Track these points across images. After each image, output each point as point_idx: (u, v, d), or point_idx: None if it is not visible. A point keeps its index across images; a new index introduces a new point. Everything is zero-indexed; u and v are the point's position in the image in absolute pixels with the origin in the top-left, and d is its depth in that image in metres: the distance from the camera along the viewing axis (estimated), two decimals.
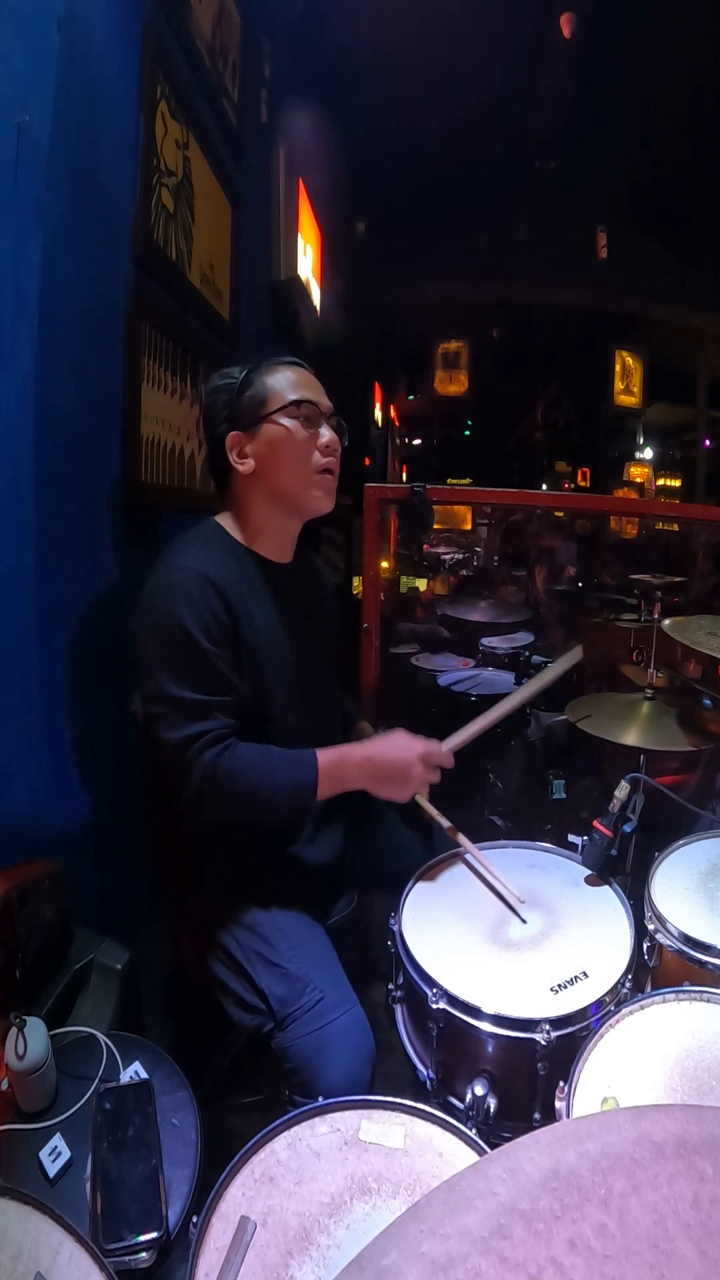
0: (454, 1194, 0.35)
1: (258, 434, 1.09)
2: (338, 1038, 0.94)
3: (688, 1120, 0.38)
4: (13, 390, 1.10)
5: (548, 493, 7.27)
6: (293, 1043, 0.95)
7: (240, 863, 1.10)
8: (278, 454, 1.09)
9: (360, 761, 1.07)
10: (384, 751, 1.09)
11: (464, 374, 7.82)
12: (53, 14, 1.13)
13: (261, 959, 1.02)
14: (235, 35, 2.21)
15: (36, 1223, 0.62)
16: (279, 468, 1.09)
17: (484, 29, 3.38)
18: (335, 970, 1.03)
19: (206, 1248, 0.65)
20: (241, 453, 1.10)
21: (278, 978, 0.99)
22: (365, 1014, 0.98)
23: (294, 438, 1.08)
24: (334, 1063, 0.92)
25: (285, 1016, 0.96)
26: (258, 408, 1.09)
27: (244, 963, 1.02)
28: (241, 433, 1.09)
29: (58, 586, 1.22)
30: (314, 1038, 0.94)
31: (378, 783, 1.08)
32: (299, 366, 1.14)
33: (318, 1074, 0.91)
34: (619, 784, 1.16)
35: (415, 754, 1.09)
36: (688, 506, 7.19)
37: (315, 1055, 0.93)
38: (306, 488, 1.11)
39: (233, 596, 1.02)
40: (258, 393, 1.09)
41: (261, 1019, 0.99)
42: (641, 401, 7.73)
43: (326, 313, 3.76)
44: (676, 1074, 0.78)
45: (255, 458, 1.09)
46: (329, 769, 1.04)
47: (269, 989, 0.99)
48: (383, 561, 2.63)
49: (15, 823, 1.11)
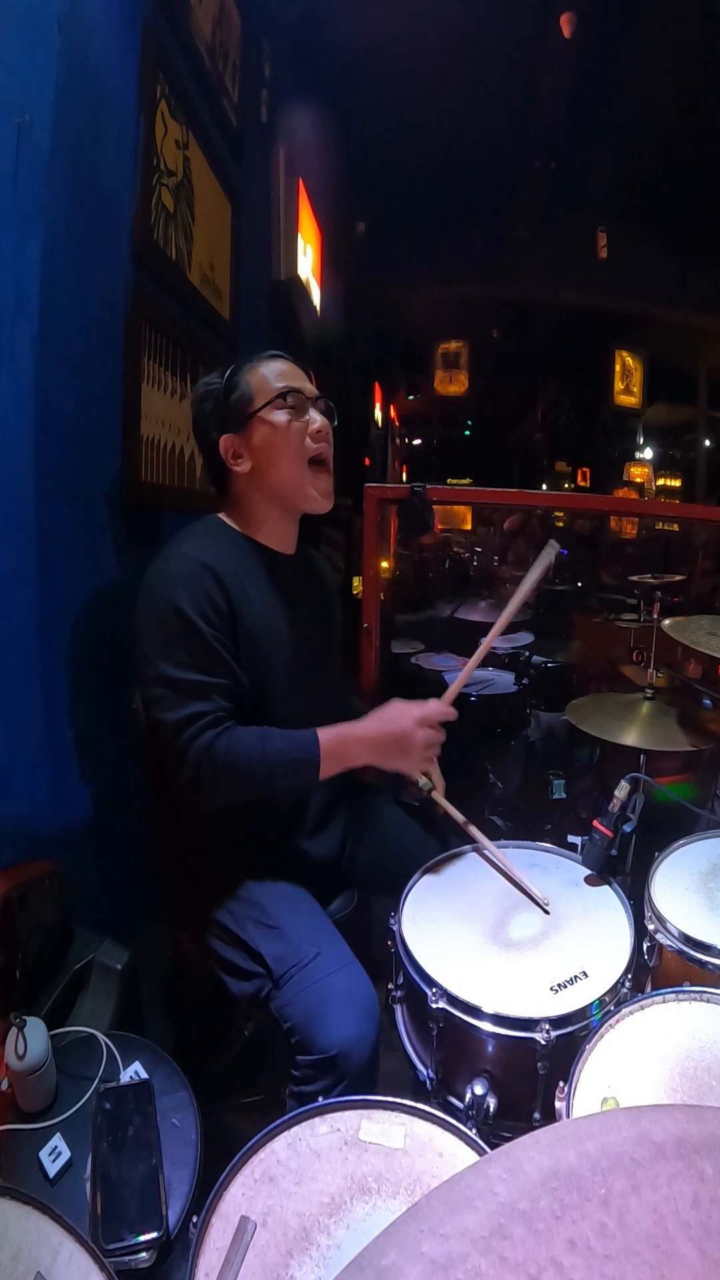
0: (454, 1194, 0.35)
1: (249, 433, 1.10)
2: (337, 993, 0.93)
3: (688, 1120, 0.38)
4: (13, 390, 1.10)
5: (548, 493, 7.27)
6: (291, 1000, 0.94)
7: (241, 861, 1.10)
8: (271, 448, 1.09)
9: (361, 737, 1.06)
10: (384, 724, 1.08)
11: (464, 374, 7.83)
12: (53, 14, 1.14)
13: (256, 923, 1.02)
14: (235, 35, 2.21)
15: (36, 1223, 0.62)
16: (274, 462, 1.10)
17: (484, 29, 3.39)
18: (331, 931, 1.03)
19: (206, 1248, 0.65)
20: (236, 454, 1.11)
21: (273, 937, 1.00)
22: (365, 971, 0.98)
23: (284, 429, 1.09)
24: (334, 1018, 0.91)
25: (282, 975, 0.96)
26: (245, 406, 1.09)
27: (239, 930, 1.03)
28: (234, 434, 1.10)
29: (58, 586, 1.22)
30: (312, 993, 0.93)
31: (382, 755, 1.08)
32: (279, 357, 1.14)
33: (317, 1031, 0.90)
34: (619, 784, 1.16)
35: (413, 718, 1.08)
36: (688, 506, 7.19)
37: (314, 1011, 0.92)
38: (303, 481, 1.12)
39: (231, 583, 1.03)
40: (243, 392, 1.10)
41: (259, 981, 0.99)
42: (641, 401, 7.74)
43: (326, 313, 3.76)
44: (676, 1074, 0.78)
45: (250, 456, 1.10)
46: (331, 747, 1.03)
47: (265, 950, 0.99)
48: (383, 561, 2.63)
49: (15, 823, 1.11)
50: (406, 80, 3.67)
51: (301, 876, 1.13)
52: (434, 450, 10.48)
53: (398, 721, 1.08)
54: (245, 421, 1.09)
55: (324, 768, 1.02)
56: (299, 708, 1.11)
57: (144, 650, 1.00)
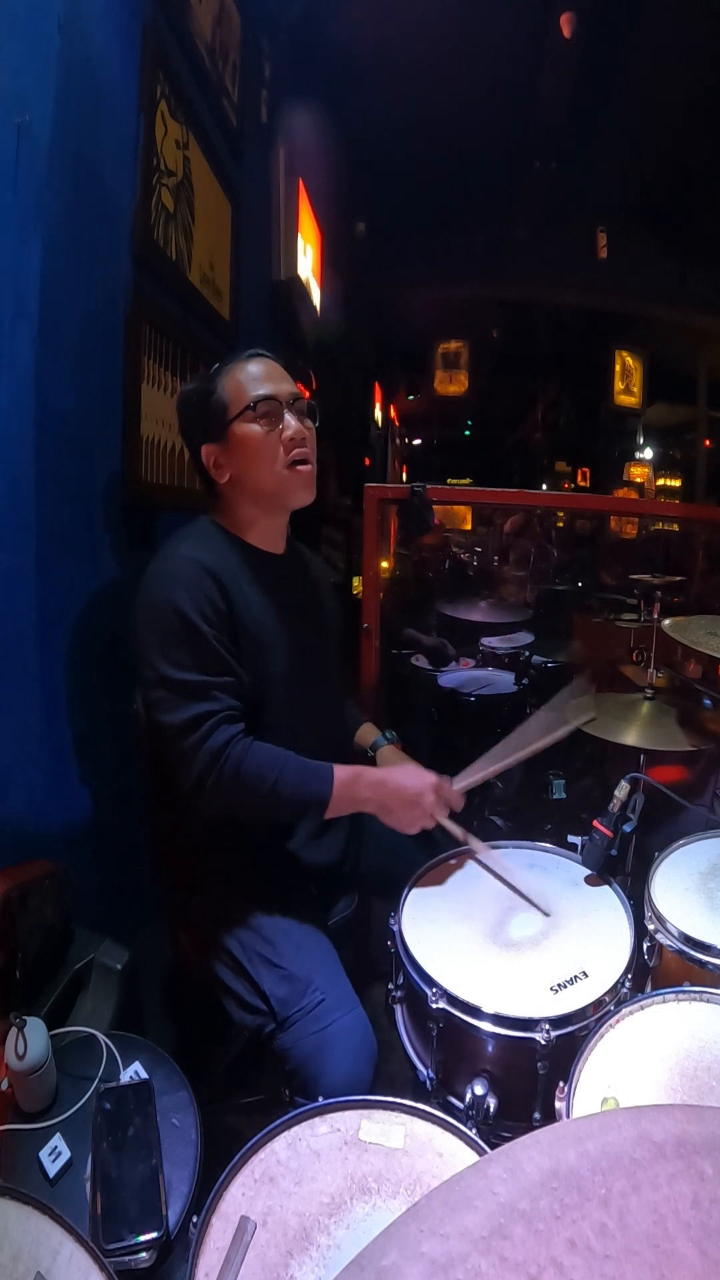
0: (454, 1194, 0.35)
1: (226, 442, 1.09)
2: (339, 1039, 0.94)
3: (688, 1120, 0.38)
4: (13, 390, 1.10)
5: (548, 493, 7.27)
6: (294, 1044, 0.95)
7: (241, 862, 1.10)
8: (247, 458, 1.08)
9: (374, 783, 1.06)
10: (398, 778, 1.08)
11: (464, 374, 7.83)
12: (53, 14, 1.14)
13: (263, 960, 1.02)
14: (235, 35, 2.21)
15: (36, 1223, 0.62)
16: (250, 471, 1.09)
17: (484, 29, 3.39)
18: (337, 972, 1.02)
19: (206, 1248, 0.65)
20: (216, 463, 1.10)
21: (279, 979, 0.99)
22: (367, 1016, 0.98)
23: (259, 440, 1.07)
24: (335, 1064, 0.92)
25: (287, 1018, 0.96)
26: (220, 415, 1.08)
27: (245, 964, 1.02)
28: (213, 444, 1.09)
29: (58, 586, 1.22)
30: (315, 1039, 0.94)
31: (386, 808, 1.07)
32: (257, 357, 1.12)
33: (319, 1075, 0.91)
34: (619, 784, 1.16)
35: (429, 783, 1.08)
36: (688, 506, 7.20)
37: (316, 1056, 0.93)
38: (282, 484, 1.10)
39: (229, 583, 1.03)
40: (219, 400, 1.08)
41: (263, 1020, 0.99)
42: (641, 401, 7.74)
43: (326, 313, 3.76)
44: (676, 1074, 0.78)
45: (228, 466, 1.10)
46: (344, 786, 1.03)
47: (271, 990, 0.99)
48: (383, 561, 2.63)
49: (15, 823, 1.11)
50: (406, 80, 3.66)
51: (303, 881, 1.13)
52: (434, 450, 10.47)
53: (414, 782, 1.08)
54: (222, 431, 1.08)
55: (334, 805, 1.03)
56: (295, 709, 1.11)
57: (144, 652, 0.99)
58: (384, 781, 1.07)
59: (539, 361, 7.95)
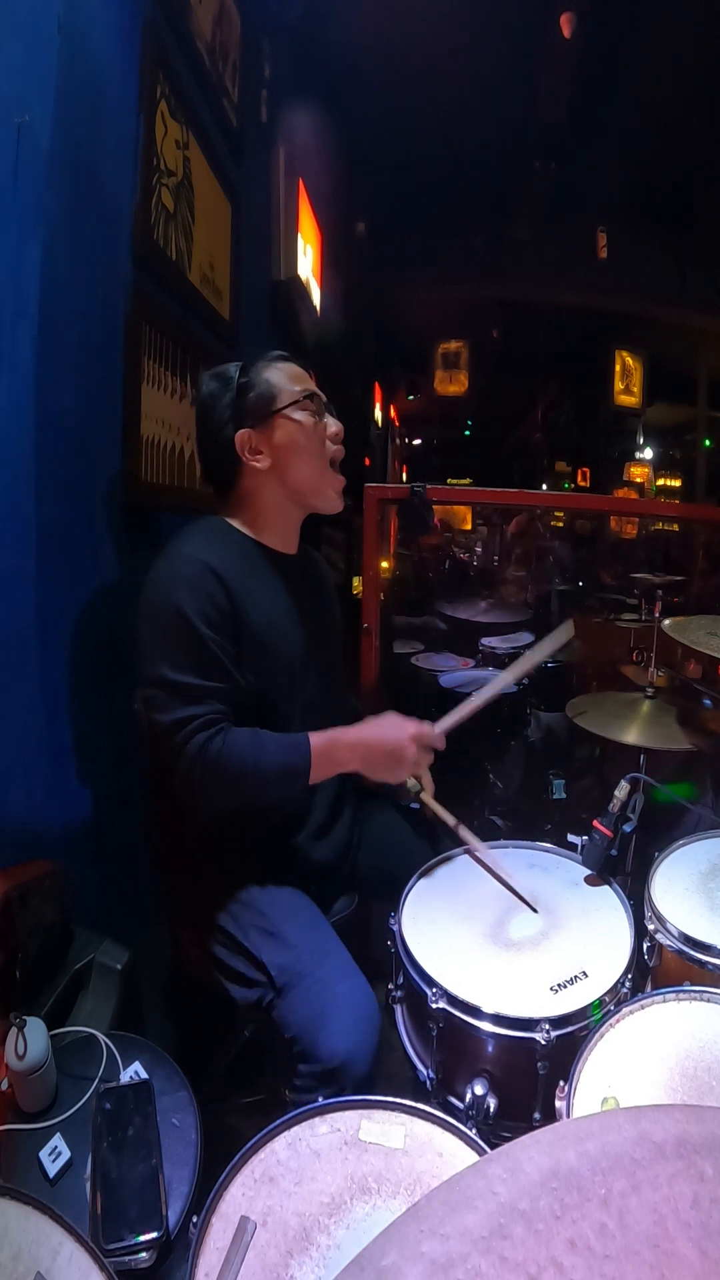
0: (454, 1194, 0.35)
1: (270, 430, 1.10)
2: (338, 1002, 0.94)
3: (688, 1120, 0.38)
4: (13, 390, 1.10)
5: (548, 493, 7.27)
6: (293, 1010, 0.95)
7: (241, 860, 1.10)
8: (295, 446, 1.11)
9: (353, 743, 1.06)
10: (377, 733, 1.08)
11: (464, 374, 7.83)
12: (53, 14, 1.14)
13: (259, 930, 1.02)
14: (235, 35, 2.21)
15: (36, 1223, 0.62)
16: (296, 459, 1.11)
17: (484, 29, 3.39)
18: (333, 940, 1.03)
19: (206, 1248, 0.65)
20: (255, 449, 1.11)
21: (276, 946, 1.00)
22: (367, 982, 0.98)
23: (309, 429, 1.11)
24: (335, 1027, 0.91)
25: (285, 984, 0.96)
26: (268, 404, 1.10)
27: (241, 938, 1.03)
28: (252, 430, 1.10)
29: (58, 586, 1.22)
30: (314, 1002, 0.94)
31: (370, 765, 1.08)
32: (290, 359, 1.15)
33: (318, 1039, 0.91)
34: (619, 784, 1.16)
35: (408, 734, 1.08)
36: (688, 506, 7.20)
37: (315, 1020, 0.92)
38: (322, 479, 1.14)
39: (235, 584, 1.03)
40: (264, 390, 1.10)
41: (261, 990, 0.99)
42: (641, 401, 7.73)
43: (326, 313, 3.76)
44: (676, 1074, 0.78)
45: (271, 454, 1.11)
46: (321, 751, 1.03)
47: (268, 958, 0.99)
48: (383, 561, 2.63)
49: (15, 823, 1.11)
50: (407, 80, 3.66)
51: (303, 879, 1.13)
52: (434, 450, 10.47)
53: (393, 733, 1.08)
54: (267, 418, 1.10)
55: (314, 772, 1.02)
56: (303, 708, 1.12)
57: (144, 651, 1.00)
58: (361, 739, 1.07)
59: (539, 361, 7.94)
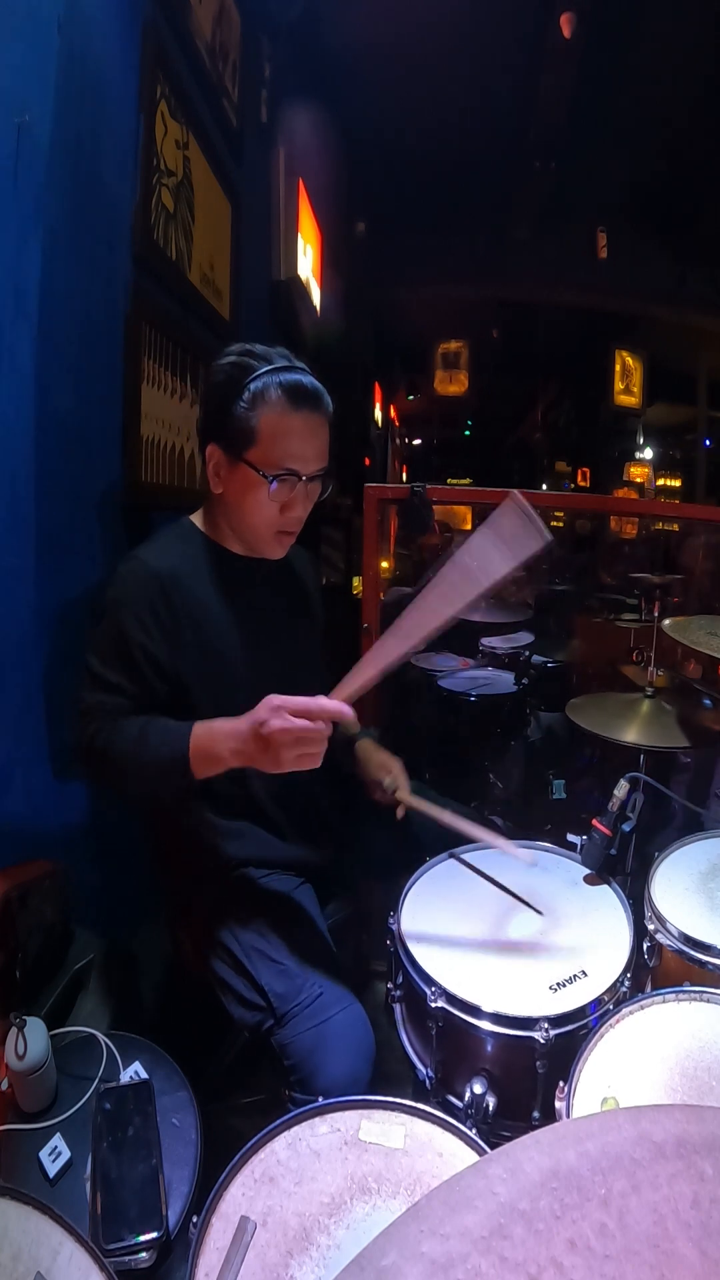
0: (454, 1194, 0.35)
1: (235, 466, 1.03)
2: (337, 1034, 0.94)
3: (688, 1120, 0.38)
4: (13, 390, 1.10)
5: (548, 493, 7.27)
6: (292, 1039, 0.95)
7: (239, 861, 1.10)
8: (245, 501, 1.05)
9: (228, 733, 0.92)
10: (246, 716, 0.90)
11: (464, 374, 7.83)
12: (53, 14, 1.13)
13: (261, 955, 1.02)
14: (235, 35, 2.21)
15: (36, 1223, 0.62)
16: (239, 510, 1.07)
17: (484, 29, 3.39)
18: (334, 967, 1.03)
19: (206, 1248, 0.65)
20: (216, 472, 1.06)
21: (277, 974, 1.00)
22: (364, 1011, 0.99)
23: (260, 497, 1.04)
24: (333, 1059, 0.92)
25: (285, 1013, 0.96)
26: (243, 443, 1.01)
27: (244, 960, 1.02)
28: (222, 452, 1.04)
29: (58, 586, 1.22)
30: (313, 1034, 0.94)
31: (245, 755, 0.91)
32: (307, 409, 1.03)
33: (316, 1070, 0.91)
34: (618, 783, 1.16)
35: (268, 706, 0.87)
36: (688, 506, 7.19)
37: (315, 1051, 0.93)
38: (260, 539, 1.10)
39: (182, 587, 1.03)
40: (248, 424, 1.00)
41: (262, 1016, 0.99)
42: (641, 401, 7.74)
43: (326, 313, 3.76)
44: (676, 1074, 0.78)
45: (226, 486, 1.06)
46: (200, 743, 0.93)
47: (269, 985, 0.99)
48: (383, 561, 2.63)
49: (15, 823, 1.11)
50: (407, 80, 3.67)
51: (300, 880, 1.13)
52: (434, 450, 10.48)
53: (254, 711, 0.89)
54: (236, 454, 1.03)
55: (195, 763, 0.93)
56: None
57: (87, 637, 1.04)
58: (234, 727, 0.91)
59: (539, 361, 7.94)
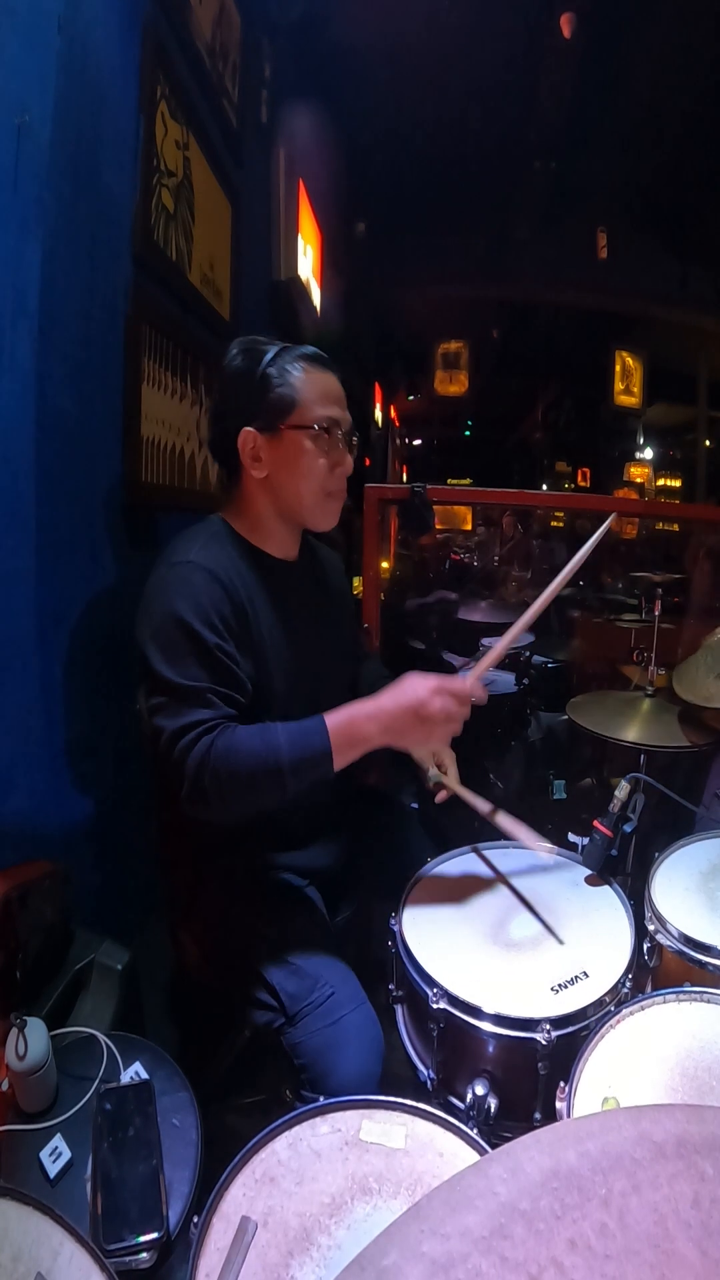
0: (455, 1194, 0.35)
1: (277, 440, 1.03)
2: (349, 1033, 0.94)
3: (688, 1120, 0.38)
4: (13, 390, 1.10)
5: (548, 493, 7.27)
6: (304, 1039, 0.94)
7: (247, 864, 1.10)
8: (294, 469, 1.03)
9: (372, 713, 0.95)
10: (395, 696, 0.96)
11: (464, 374, 7.83)
12: (53, 14, 1.13)
13: (271, 955, 1.01)
14: (235, 35, 2.21)
15: (37, 1223, 0.62)
16: (293, 482, 1.05)
17: (484, 29, 3.39)
18: (344, 968, 1.02)
19: (207, 1248, 0.65)
20: (255, 455, 1.03)
21: (288, 974, 0.99)
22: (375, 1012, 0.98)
23: (313, 459, 1.03)
24: (346, 1058, 0.92)
25: (296, 1013, 0.96)
26: (283, 412, 1.01)
27: (255, 961, 1.02)
28: (258, 432, 1.02)
29: (58, 587, 1.22)
30: (325, 1034, 0.94)
31: (396, 733, 0.96)
32: (328, 367, 1.06)
33: (329, 1070, 0.91)
34: (619, 784, 1.16)
35: (429, 687, 0.95)
36: (688, 506, 7.20)
37: (327, 1051, 0.93)
38: (315, 508, 1.08)
39: (237, 591, 1.00)
40: (285, 395, 1.01)
41: (272, 1015, 0.99)
42: (641, 401, 7.74)
43: (326, 313, 3.76)
44: (677, 1074, 0.78)
45: (269, 464, 1.04)
46: (340, 729, 0.94)
47: (280, 985, 0.98)
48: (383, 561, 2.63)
49: (15, 823, 1.11)
50: (407, 80, 3.66)
51: (307, 881, 1.13)
52: (434, 450, 10.49)
53: (412, 691, 0.95)
54: (275, 426, 1.02)
55: (338, 756, 0.93)
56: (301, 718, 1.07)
57: (147, 658, 0.96)
58: (379, 708, 0.95)
59: (539, 361, 7.95)
